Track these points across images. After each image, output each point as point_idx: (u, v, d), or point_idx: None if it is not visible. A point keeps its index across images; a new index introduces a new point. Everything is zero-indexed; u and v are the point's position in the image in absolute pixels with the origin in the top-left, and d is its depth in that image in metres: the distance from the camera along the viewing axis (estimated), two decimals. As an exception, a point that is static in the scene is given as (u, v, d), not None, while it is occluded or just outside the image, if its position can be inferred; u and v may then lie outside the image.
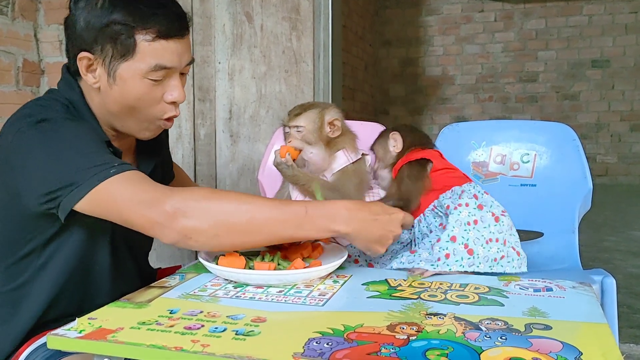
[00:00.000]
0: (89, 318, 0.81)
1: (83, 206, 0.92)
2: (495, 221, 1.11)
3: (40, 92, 2.29)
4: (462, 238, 1.08)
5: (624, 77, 6.38)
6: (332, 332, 0.75)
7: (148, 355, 0.71)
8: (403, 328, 0.77)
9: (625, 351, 1.83)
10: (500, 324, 0.78)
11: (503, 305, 0.88)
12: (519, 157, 1.54)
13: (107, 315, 0.83)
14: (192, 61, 1.07)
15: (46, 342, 0.76)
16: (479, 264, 1.07)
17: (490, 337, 0.73)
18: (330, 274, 1.04)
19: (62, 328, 0.77)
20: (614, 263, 2.97)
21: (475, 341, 0.72)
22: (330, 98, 2.25)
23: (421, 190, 1.19)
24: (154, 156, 1.19)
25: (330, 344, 0.71)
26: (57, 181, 0.92)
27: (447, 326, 0.77)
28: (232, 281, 0.99)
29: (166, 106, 1.05)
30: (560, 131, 1.54)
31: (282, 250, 1.08)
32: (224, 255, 1.01)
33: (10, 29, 2.14)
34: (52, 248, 1.03)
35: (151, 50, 0.99)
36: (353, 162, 1.31)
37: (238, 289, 0.95)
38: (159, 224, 0.90)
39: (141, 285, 0.99)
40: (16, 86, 2.18)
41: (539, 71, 6.65)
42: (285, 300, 0.90)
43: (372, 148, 1.35)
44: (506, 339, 0.73)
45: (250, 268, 0.99)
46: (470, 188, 1.17)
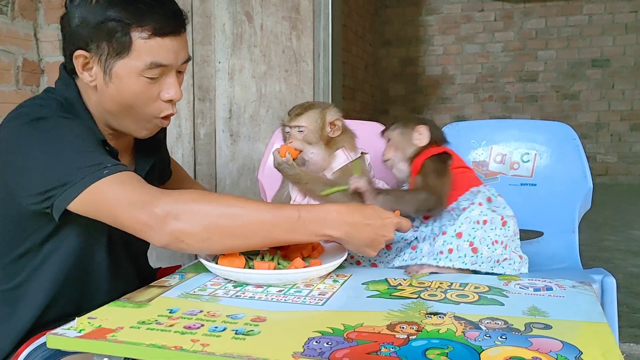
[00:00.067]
0: (89, 317, 0.81)
1: (76, 206, 0.92)
2: (502, 225, 1.11)
3: (39, 92, 2.29)
4: (469, 235, 1.08)
5: (624, 77, 6.37)
6: (332, 332, 0.75)
7: (148, 354, 0.71)
8: (403, 327, 0.77)
9: (625, 350, 1.83)
10: (500, 324, 0.78)
11: (503, 304, 0.88)
12: (519, 157, 1.54)
13: (107, 314, 0.83)
14: (189, 59, 1.07)
15: (46, 342, 0.76)
16: (482, 264, 1.07)
17: (490, 337, 0.73)
18: (330, 274, 1.04)
19: (62, 327, 0.77)
20: (614, 262, 2.97)
21: (475, 340, 0.72)
22: (330, 98, 2.25)
23: (450, 185, 1.19)
24: (152, 155, 1.19)
25: (330, 344, 0.71)
26: (51, 181, 0.92)
27: (447, 325, 0.77)
28: (232, 280, 0.99)
29: (163, 104, 1.05)
30: (560, 131, 1.54)
31: (282, 249, 1.08)
32: (224, 254, 1.01)
33: (10, 29, 2.14)
34: (49, 247, 1.02)
35: (147, 47, 0.98)
36: (353, 161, 1.31)
37: (238, 289, 0.95)
38: (150, 227, 0.90)
39: (140, 285, 0.99)
40: (16, 86, 2.18)
41: (539, 71, 6.65)
42: (285, 299, 0.90)
43: (388, 137, 1.30)
44: (506, 338, 0.72)
45: (250, 267, 0.99)
46: (485, 190, 1.18)
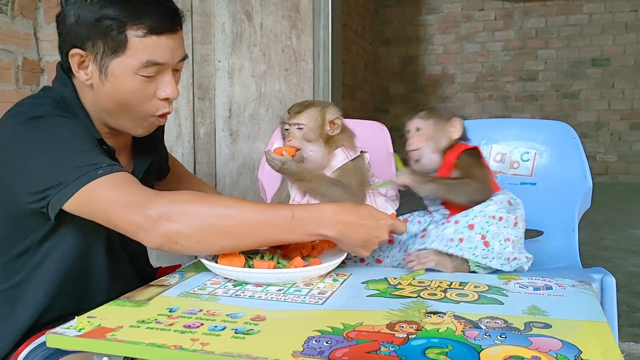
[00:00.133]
0: (88, 317, 0.81)
1: (70, 206, 0.92)
2: (514, 224, 1.12)
3: (39, 91, 2.29)
4: (482, 229, 1.09)
5: (624, 76, 6.37)
6: (332, 331, 0.75)
7: (147, 353, 0.71)
8: (402, 326, 0.77)
9: (625, 350, 1.83)
10: (499, 323, 0.78)
11: (503, 303, 0.88)
12: (519, 156, 1.53)
13: (107, 313, 0.83)
14: (186, 57, 1.06)
15: (45, 341, 0.76)
16: (492, 259, 1.07)
17: (489, 336, 0.73)
18: (329, 273, 1.04)
19: (62, 326, 0.77)
20: (614, 262, 2.97)
21: (474, 340, 0.72)
22: (330, 97, 2.24)
23: (490, 177, 1.20)
24: (150, 153, 1.18)
25: (329, 343, 0.71)
26: (47, 180, 0.91)
27: (447, 325, 0.77)
28: (232, 280, 0.99)
29: (159, 103, 1.04)
30: (560, 130, 1.54)
31: (282, 248, 1.08)
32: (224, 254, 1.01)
33: (9, 28, 2.14)
34: (48, 246, 1.02)
35: (142, 46, 0.98)
36: (352, 160, 1.31)
37: (237, 288, 0.95)
38: (143, 228, 0.90)
39: (140, 284, 0.99)
40: (16, 85, 2.18)
41: (539, 70, 6.64)
42: (284, 298, 0.90)
43: (417, 126, 1.24)
44: (506, 338, 0.72)
45: (249, 267, 0.99)
46: (505, 194, 1.20)
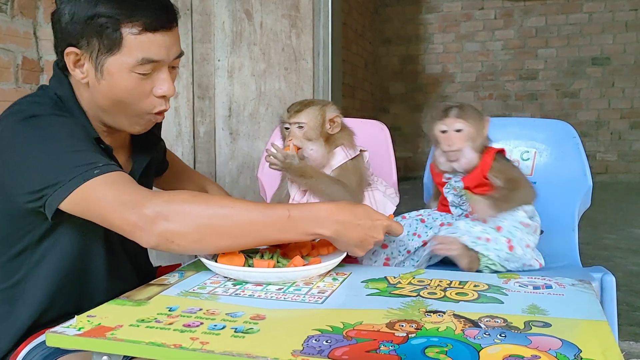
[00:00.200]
0: (88, 316, 0.81)
1: (67, 206, 0.91)
2: (534, 232, 1.16)
3: (38, 90, 2.29)
4: (509, 233, 1.11)
5: (624, 75, 6.37)
6: (331, 330, 0.75)
7: (147, 352, 0.71)
8: (402, 325, 0.77)
9: (624, 349, 1.83)
10: (499, 322, 0.78)
11: (502, 302, 0.88)
12: (519, 155, 1.53)
13: (106, 312, 0.82)
14: (182, 54, 1.05)
15: (45, 340, 0.76)
16: (512, 263, 1.10)
17: (489, 335, 0.73)
18: (329, 272, 1.04)
19: (61, 325, 0.77)
20: (614, 261, 2.96)
21: (474, 339, 0.72)
22: (330, 96, 2.24)
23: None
24: (149, 151, 1.18)
25: (329, 342, 0.71)
26: (44, 180, 0.91)
27: (447, 323, 0.77)
28: (232, 279, 0.99)
29: (156, 100, 1.04)
30: (560, 129, 1.54)
31: (282, 248, 1.08)
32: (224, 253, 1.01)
33: (9, 27, 2.14)
34: (46, 245, 1.02)
35: (138, 43, 0.97)
36: (352, 159, 1.31)
37: (237, 287, 0.95)
38: (139, 227, 0.89)
39: (139, 283, 0.99)
40: (15, 84, 2.18)
41: (539, 69, 6.64)
42: (284, 297, 0.90)
43: (456, 126, 1.23)
44: (505, 337, 0.72)
45: (249, 266, 0.99)
46: None
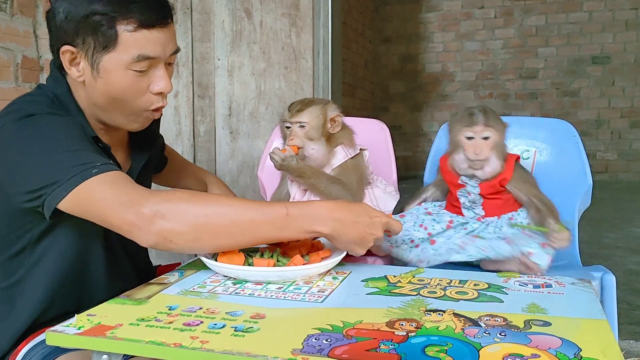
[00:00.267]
0: (88, 315, 0.81)
1: (66, 205, 0.91)
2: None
3: (38, 89, 2.29)
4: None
5: (624, 74, 6.36)
6: (331, 329, 0.75)
7: (147, 351, 0.71)
8: (402, 324, 0.77)
9: (624, 348, 1.83)
10: (499, 321, 0.78)
11: (502, 301, 0.88)
12: (519, 154, 1.53)
13: (106, 311, 0.82)
14: (178, 50, 1.05)
15: (44, 339, 0.76)
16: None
17: (489, 334, 0.73)
18: (329, 271, 1.04)
19: (61, 324, 0.77)
20: (614, 260, 2.96)
21: (474, 337, 0.72)
22: (330, 95, 2.24)
23: None
24: (148, 148, 1.18)
25: (329, 340, 0.71)
26: (41, 179, 0.91)
27: (447, 322, 0.77)
28: (232, 278, 0.99)
29: (152, 97, 1.04)
30: (560, 127, 1.54)
31: (281, 246, 1.08)
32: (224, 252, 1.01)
33: (9, 26, 2.14)
34: (45, 244, 1.02)
35: (133, 40, 0.97)
36: (352, 158, 1.31)
37: (237, 286, 0.95)
38: (137, 226, 0.89)
39: (139, 282, 0.99)
40: (15, 83, 2.17)
41: (539, 68, 6.64)
42: (284, 296, 0.90)
43: (485, 133, 1.21)
44: (505, 335, 0.72)
45: (249, 265, 0.99)
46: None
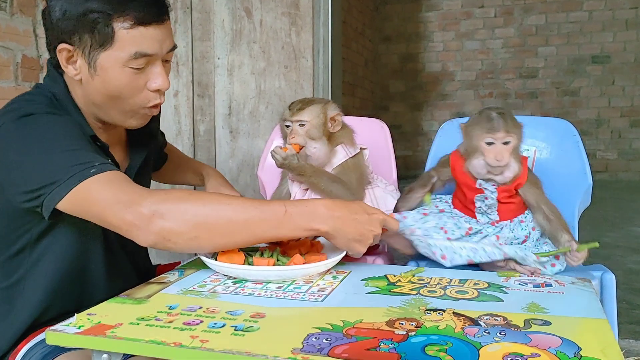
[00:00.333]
0: (88, 314, 0.81)
1: (64, 205, 0.91)
2: None
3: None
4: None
5: (624, 73, 6.37)
6: (331, 328, 0.75)
7: (147, 350, 0.71)
8: (402, 324, 0.77)
9: (624, 347, 1.83)
10: (499, 320, 0.78)
11: (502, 300, 0.88)
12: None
13: (106, 311, 0.83)
14: (175, 47, 1.05)
15: (44, 339, 0.76)
16: None
17: (489, 333, 0.73)
18: (329, 270, 1.04)
19: (61, 324, 0.77)
20: (614, 259, 2.96)
21: (474, 337, 0.72)
22: (329, 94, 2.24)
23: None
24: (146, 146, 1.18)
25: (329, 340, 0.71)
26: (40, 179, 0.91)
27: (446, 322, 0.77)
28: (231, 277, 0.99)
29: (150, 94, 1.03)
30: (560, 127, 1.53)
31: (281, 246, 1.08)
32: (224, 251, 1.00)
33: (9, 25, 2.14)
34: (44, 244, 1.02)
35: (130, 38, 0.97)
36: (352, 157, 1.31)
37: (237, 285, 0.95)
38: (136, 226, 0.89)
39: (139, 282, 0.99)
40: (15, 82, 2.17)
41: (539, 67, 6.64)
42: (284, 296, 0.90)
43: (506, 138, 1.16)
44: (505, 335, 0.73)
45: (249, 264, 0.99)
46: None
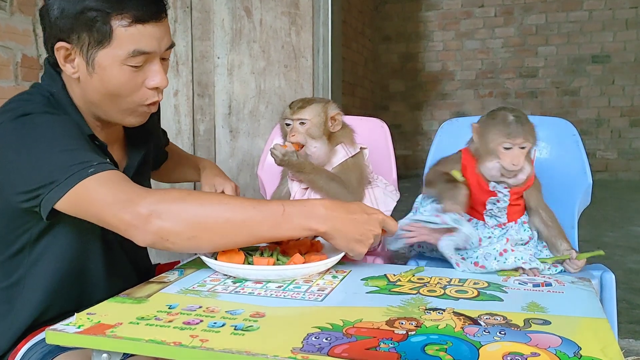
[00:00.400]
0: (88, 313, 0.81)
1: (63, 205, 0.91)
2: None
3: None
4: None
5: (624, 73, 6.37)
6: (331, 327, 0.75)
7: (147, 350, 0.71)
8: (402, 323, 0.77)
9: (624, 346, 1.83)
10: (499, 319, 0.78)
11: (502, 300, 0.88)
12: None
13: (106, 310, 0.83)
14: (173, 45, 1.05)
15: (44, 338, 0.76)
16: None
17: (489, 332, 0.73)
18: (329, 269, 1.04)
19: (61, 323, 0.77)
20: (614, 258, 2.96)
21: (474, 336, 0.72)
22: (329, 93, 2.24)
23: None
24: (143, 144, 1.17)
25: (329, 339, 0.71)
26: (37, 179, 0.91)
27: (446, 321, 0.78)
28: (231, 276, 0.99)
29: (148, 92, 1.03)
30: (560, 126, 1.54)
31: (281, 245, 1.08)
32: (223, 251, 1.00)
33: (8, 24, 2.14)
34: (43, 244, 1.02)
35: (128, 35, 0.96)
36: (352, 156, 1.31)
37: (237, 284, 0.95)
38: (133, 226, 0.89)
39: (138, 281, 0.99)
40: (15, 81, 2.17)
41: (539, 67, 6.64)
42: (284, 295, 0.90)
43: (522, 143, 1.22)
44: (505, 334, 0.73)
45: (249, 263, 0.99)
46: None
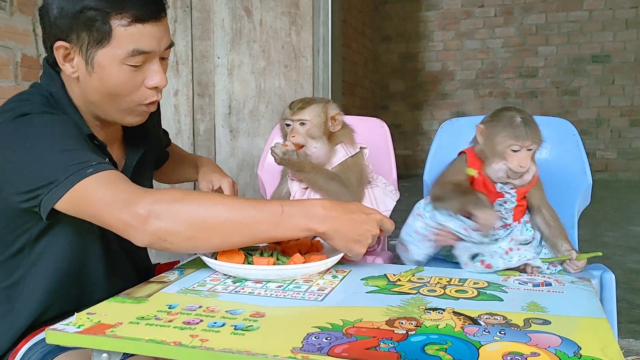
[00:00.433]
0: (88, 313, 0.81)
1: (62, 205, 0.91)
2: None
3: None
4: None
5: (624, 72, 6.37)
6: (331, 327, 0.75)
7: (147, 350, 0.71)
8: (402, 323, 0.77)
9: (624, 346, 1.83)
10: (499, 319, 0.78)
11: (502, 300, 0.88)
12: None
13: (106, 310, 0.83)
14: (172, 45, 1.05)
15: (44, 338, 0.76)
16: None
17: (489, 332, 0.73)
18: (329, 269, 1.04)
19: (61, 323, 0.77)
20: (613, 258, 2.96)
21: (474, 336, 0.72)
22: (329, 93, 2.24)
23: None
24: (142, 143, 1.17)
25: (329, 339, 0.71)
26: (36, 180, 0.90)
27: (446, 321, 0.78)
28: (231, 276, 0.99)
29: (147, 91, 1.03)
30: (560, 126, 1.54)
31: (281, 245, 1.08)
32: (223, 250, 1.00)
33: (8, 24, 2.14)
34: (43, 244, 1.01)
35: (127, 35, 0.96)
36: (352, 156, 1.31)
37: (237, 284, 0.95)
38: (132, 226, 0.89)
39: (138, 281, 0.99)
40: (15, 81, 2.17)
41: (539, 66, 6.64)
42: (284, 295, 0.90)
43: (530, 145, 1.20)
44: (505, 334, 0.73)
45: (249, 263, 0.99)
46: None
